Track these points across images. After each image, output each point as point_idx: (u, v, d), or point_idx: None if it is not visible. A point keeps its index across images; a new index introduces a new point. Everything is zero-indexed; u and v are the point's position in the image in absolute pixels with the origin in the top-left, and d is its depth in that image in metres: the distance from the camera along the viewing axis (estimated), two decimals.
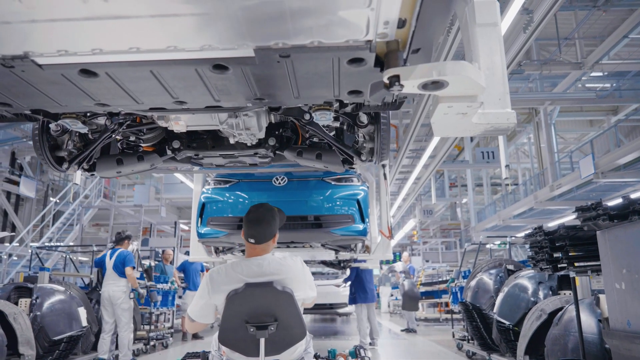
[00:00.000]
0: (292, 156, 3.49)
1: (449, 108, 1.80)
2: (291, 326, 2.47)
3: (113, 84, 1.97)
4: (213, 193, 5.38)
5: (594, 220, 3.25)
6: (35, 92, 2.07)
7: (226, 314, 2.46)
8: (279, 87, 2.07)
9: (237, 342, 2.50)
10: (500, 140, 10.64)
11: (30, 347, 5.20)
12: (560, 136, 21.81)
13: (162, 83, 1.98)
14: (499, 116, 1.86)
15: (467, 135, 2.07)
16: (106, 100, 2.19)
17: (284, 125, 3.53)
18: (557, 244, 4.28)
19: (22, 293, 6.01)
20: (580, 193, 14.88)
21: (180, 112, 2.54)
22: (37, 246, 12.16)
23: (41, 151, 3.27)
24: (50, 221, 17.48)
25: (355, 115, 3.14)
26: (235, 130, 3.02)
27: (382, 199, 6.05)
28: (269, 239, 2.63)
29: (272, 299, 2.43)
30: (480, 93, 1.73)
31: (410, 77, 1.58)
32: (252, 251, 2.61)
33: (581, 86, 16.88)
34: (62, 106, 2.29)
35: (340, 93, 2.13)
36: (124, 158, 3.45)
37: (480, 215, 23.84)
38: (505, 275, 6.86)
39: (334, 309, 11.86)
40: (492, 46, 1.90)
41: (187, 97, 2.17)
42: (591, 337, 4.09)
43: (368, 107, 2.58)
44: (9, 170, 15.63)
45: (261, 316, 2.43)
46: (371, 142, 3.38)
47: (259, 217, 2.63)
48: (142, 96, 2.16)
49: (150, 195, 19.74)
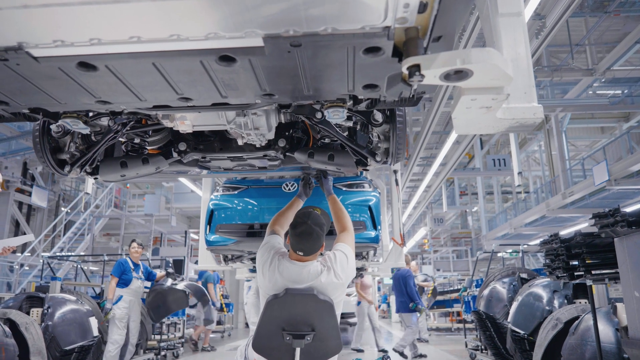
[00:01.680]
0: (302, 158, 3.34)
1: (472, 101, 1.68)
2: (328, 338, 2.40)
3: (114, 78, 1.87)
4: (222, 200, 5.28)
5: (611, 227, 3.18)
6: (32, 88, 1.97)
7: (263, 319, 2.42)
8: (289, 81, 1.96)
9: (271, 350, 2.44)
10: (513, 147, 10.56)
11: (42, 357, 5.19)
12: (572, 143, 21.63)
13: (166, 77, 1.88)
14: (525, 111, 1.74)
15: (491, 132, 1.95)
16: (107, 97, 2.10)
17: (294, 126, 3.39)
18: (573, 251, 4.21)
19: (33, 303, 6.03)
20: (593, 201, 14.70)
21: (185, 110, 2.44)
22: (49, 256, 12.22)
23: (42, 153, 3.15)
24: (61, 231, 17.59)
25: (369, 113, 2.99)
26: (244, 130, 2.90)
27: (393, 205, 5.98)
28: (318, 250, 2.56)
29: (312, 307, 2.37)
30: (507, 84, 1.61)
31: (432, 66, 1.46)
32: (300, 257, 2.56)
33: (592, 93, 16.76)
34: (61, 104, 2.19)
35: (355, 87, 2.02)
36: (128, 161, 3.30)
37: (491, 223, 23.64)
38: (519, 283, 6.77)
39: (345, 319, 11.76)
40: (516, 37, 1.78)
41: (193, 93, 2.07)
42: (609, 347, 4.01)
43: (384, 103, 2.41)
44: (21, 180, 15.77)
45: (299, 325, 2.37)
46: (386, 142, 3.21)
47: (309, 230, 2.52)
48: (145, 92, 2.06)
49: (160, 205, 19.81)
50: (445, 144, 10.76)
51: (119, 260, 6.70)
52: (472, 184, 25.69)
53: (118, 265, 6.58)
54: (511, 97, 1.70)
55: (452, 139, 10.32)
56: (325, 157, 3.26)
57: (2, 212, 15.12)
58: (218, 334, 14.52)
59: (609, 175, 11.92)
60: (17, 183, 15.40)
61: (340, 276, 2.51)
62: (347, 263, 2.60)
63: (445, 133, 16.35)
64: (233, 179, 5.56)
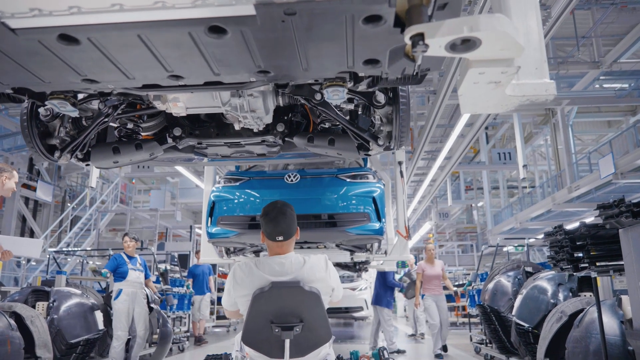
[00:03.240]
0: (302, 143, 3.23)
1: (480, 75, 1.55)
2: (316, 328, 2.39)
3: (98, 53, 1.78)
4: (223, 191, 5.23)
5: (616, 217, 3.16)
6: (12, 65, 1.88)
7: (251, 313, 2.39)
8: (285, 55, 1.85)
9: (261, 342, 2.42)
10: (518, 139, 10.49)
11: (48, 350, 5.22)
12: (578, 138, 21.50)
13: (153, 52, 1.78)
14: (536, 87, 1.62)
15: (499, 111, 1.81)
16: (93, 74, 2.00)
17: (293, 110, 3.28)
18: (577, 243, 4.18)
19: (39, 296, 6.06)
20: (599, 195, 14.61)
21: (177, 90, 2.34)
22: (55, 251, 12.30)
23: (30, 138, 3.01)
24: (67, 227, 17.69)
25: (371, 94, 2.86)
26: (240, 113, 2.79)
27: (398, 197, 5.91)
28: (294, 232, 2.48)
29: (298, 299, 2.34)
30: (517, 55, 1.49)
31: (437, 35, 1.35)
32: (278, 250, 2.47)
33: (599, 87, 16.63)
34: (45, 83, 2.09)
35: (355, 63, 1.90)
36: (120, 146, 3.16)
37: (496, 218, 23.57)
38: (524, 277, 6.75)
39: (350, 313, 11.77)
40: (527, 10, 1.65)
41: (183, 70, 1.97)
42: (613, 339, 4.00)
43: (386, 81, 2.28)
44: (27, 175, 15.86)
45: (287, 316, 2.35)
46: (389, 125, 3.08)
47: (282, 211, 2.45)
48: (133, 69, 1.96)
49: (166, 200, 19.89)
50: (450, 137, 10.70)
51: (112, 255, 6.70)
52: (478, 178, 25.61)
53: (112, 260, 6.57)
54: (521, 73, 1.59)
55: (457, 132, 10.27)
56: (326, 142, 3.15)
57: (9, 208, 15.22)
58: (224, 328, 14.57)
59: (615, 168, 11.83)
60: (23, 179, 15.49)
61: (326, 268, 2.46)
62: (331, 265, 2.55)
63: (450, 126, 16.27)
64: (236, 169, 5.49)
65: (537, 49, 1.62)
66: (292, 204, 4.93)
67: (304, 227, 4.82)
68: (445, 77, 8.14)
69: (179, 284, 9.76)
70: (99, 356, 6.52)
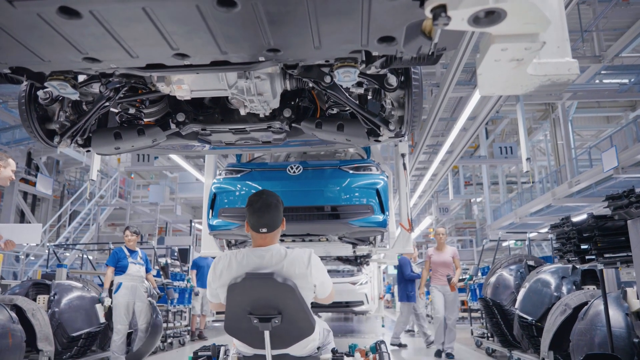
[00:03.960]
0: (310, 128, 3.10)
1: (502, 52, 1.47)
2: (297, 320, 2.32)
3: (100, 28, 1.68)
4: (224, 183, 5.15)
5: (625, 208, 3.13)
6: (10, 41, 1.78)
7: (228, 303, 2.38)
8: (296, 32, 1.76)
9: (242, 333, 2.40)
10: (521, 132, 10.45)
11: (49, 343, 5.20)
12: (577, 133, 21.52)
13: (158, 27, 1.69)
14: (559, 66, 1.55)
15: (518, 92, 1.72)
16: (95, 52, 1.90)
17: (300, 95, 3.17)
18: (585, 234, 4.15)
19: (40, 289, 6.03)
20: (600, 189, 14.61)
21: (182, 71, 2.24)
22: (55, 245, 12.25)
23: (29, 122, 2.90)
24: (66, 221, 17.66)
25: (382, 77, 2.72)
26: (246, 96, 2.67)
27: (401, 190, 5.86)
28: (279, 224, 2.44)
29: (272, 291, 2.28)
30: (543, 29, 1.41)
31: (460, 6, 1.27)
32: (261, 242, 2.43)
33: (599, 82, 16.62)
34: (45, 62, 2.00)
35: (370, 40, 1.82)
36: (122, 132, 3.05)
37: (496, 213, 23.59)
38: (526, 271, 6.73)
39: (350, 307, 11.76)
40: None
41: (189, 48, 1.88)
42: (619, 331, 4.00)
43: (400, 61, 2.17)
44: (25, 170, 15.79)
45: (264, 308, 2.30)
46: (400, 110, 2.94)
47: (267, 202, 2.39)
48: (137, 47, 1.87)
49: (165, 195, 19.88)
50: (453, 130, 10.67)
51: (113, 250, 6.65)
52: (477, 174, 25.61)
53: (112, 254, 6.51)
54: (543, 52, 1.51)
55: (460, 126, 10.24)
56: (334, 127, 3.03)
57: (7, 203, 15.18)
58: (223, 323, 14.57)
59: (618, 161, 11.82)
60: (21, 173, 15.42)
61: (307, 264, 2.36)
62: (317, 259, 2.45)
63: (452, 119, 16.24)
64: (236, 162, 5.41)
65: (558, 27, 1.55)
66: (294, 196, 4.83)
67: (307, 219, 4.80)
68: (449, 69, 8.09)
69: (179, 278, 9.73)
70: (100, 349, 6.50)
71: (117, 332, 6.22)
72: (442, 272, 7.33)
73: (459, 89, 11.97)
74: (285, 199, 2.94)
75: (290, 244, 6.20)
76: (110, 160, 19.70)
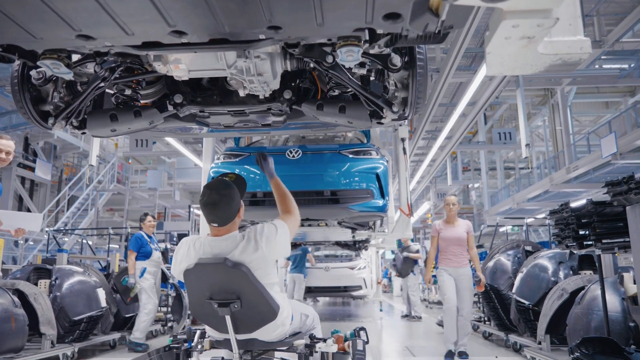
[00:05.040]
0: (311, 110, 3.03)
1: (513, 28, 1.40)
2: (256, 305, 2.32)
3: (94, 3, 1.61)
4: (222, 167, 5.13)
5: (625, 194, 3.16)
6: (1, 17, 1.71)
7: (188, 289, 2.43)
8: (298, 7, 1.69)
9: (208, 317, 2.42)
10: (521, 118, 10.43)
11: (52, 327, 5.25)
12: (575, 119, 21.53)
13: (155, 2, 1.62)
14: (571, 45, 1.49)
15: (527, 72, 1.66)
16: (89, 29, 1.84)
17: (300, 76, 3.09)
18: (583, 220, 4.19)
19: (41, 274, 6.05)
20: (597, 175, 14.68)
21: (179, 50, 2.17)
22: (54, 230, 12.27)
23: (22, 103, 2.81)
24: (65, 206, 17.66)
25: (386, 57, 2.61)
26: (246, 77, 2.60)
27: (401, 174, 5.85)
28: (232, 218, 2.40)
29: (225, 276, 2.29)
30: (557, 5, 1.33)
31: None
32: (216, 232, 2.42)
33: (599, 67, 16.57)
34: (37, 39, 1.93)
35: (374, 17, 1.74)
36: (118, 114, 2.95)
37: (493, 199, 23.67)
38: (523, 256, 6.79)
39: (348, 292, 11.86)
40: None
41: (186, 25, 1.80)
42: (615, 316, 4.06)
43: (405, 39, 2.09)
44: (23, 155, 15.74)
45: (222, 293, 2.30)
46: (404, 91, 2.83)
47: (214, 199, 2.34)
48: (132, 23, 1.80)
49: (163, 180, 19.86)
50: (452, 116, 10.66)
51: (135, 235, 6.72)
52: (475, 159, 25.63)
53: (135, 239, 6.60)
54: (554, 30, 1.45)
55: (459, 112, 10.23)
56: (336, 109, 2.94)
57: (5, 188, 15.15)
58: None
59: (617, 147, 11.85)
60: (19, 158, 15.38)
61: (262, 246, 2.34)
62: (275, 235, 2.41)
63: (451, 105, 16.21)
64: (235, 145, 5.38)
65: (570, 4, 1.49)
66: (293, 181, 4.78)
67: (306, 203, 4.77)
68: (449, 54, 8.05)
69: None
70: (102, 333, 6.56)
71: (148, 313, 6.41)
72: (454, 252, 5.80)
73: (459, 75, 11.93)
74: (284, 184, 2.94)
75: None
76: (108, 146, 19.64)
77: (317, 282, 11.60)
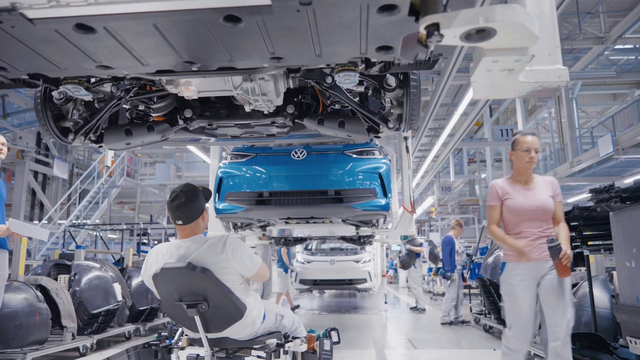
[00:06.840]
0: (312, 125, 3.24)
1: (494, 63, 1.55)
2: (222, 305, 2.44)
3: (113, 41, 1.77)
4: (230, 167, 5.27)
5: (606, 202, 3.37)
6: (29, 52, 1.88)
7: (159, 292, 2.59)
8: (298, 42, 1.83)
9: (180, 317, 2.56)
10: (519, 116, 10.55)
11: (72, 320, 5.54)
12: (582, 110, 21.49)
13: (168, 40, 1.77)
14: (549, 73, 1.62)
15: (511, 97, 1.81)
16: (108, 61, 2.00)
17: (303, 92, 3.28)
18: (571, 223, 4.39)
19: (60, 270, 6.35)
20: (601, 169, 14.78)
21: (190, 75, 2.34)
22: (70, 225, 12.57)
23: (44, 121, 3.05)
24: (76, 200, 18.02)
25: (382, 77, 2.84)
26: (251, 96, 2.80)
27: (404, 172, 5.93)
28: (197, 217, 2.57)
29: (188, 279, 2.42)
30: (532, 44, 1.47)
31: (452, 25, 1.32)
32: (182, 233, 2.59)
33: (604, 59, 16.56)
34: (61, 69, 2.09)
35: (368, 49, 1.90)
36: (132, 128, 3.21)
37: None
38: None
39: (353, 285, 12.04)
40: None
41: (197, 57, 1.96)
42: (604, 312, 4.22)
43: (398, 66, 2.28)
44: (36, 150, 16.12)
45: (189, 295, 2.44)
46: (399, 108, 3.06)
47: (179, 197, 2.53)
48: (147, 56, 1.96)
49: (171, 174, 20.13)
50: (454, 115, 10.79)
51: None
52: (481, 151, 25.67)
53: None
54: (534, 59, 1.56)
55: (460, 111, 10.36)
56: (336, 124, 3.16)
57: (19, 182, 15.52)
58: None
59: (613, 147, 11.98)
60: (32, 153, 15.75)
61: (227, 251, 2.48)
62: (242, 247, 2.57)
63: (453, 105, 16.34)
64: (242, 146, 5.57)
65: (550, 35, 1.62)
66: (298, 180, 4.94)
67: (311, 203, 4.93)
68: (449, 59, 8.21)
69: None
70: (118, 325, 6.86)
71: None
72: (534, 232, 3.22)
73: (460, 77, 12.04)
74: (289, 183, 3.14)
75: (294, 226, 6.42)
76: None
77: (323, 275, 11.76)
